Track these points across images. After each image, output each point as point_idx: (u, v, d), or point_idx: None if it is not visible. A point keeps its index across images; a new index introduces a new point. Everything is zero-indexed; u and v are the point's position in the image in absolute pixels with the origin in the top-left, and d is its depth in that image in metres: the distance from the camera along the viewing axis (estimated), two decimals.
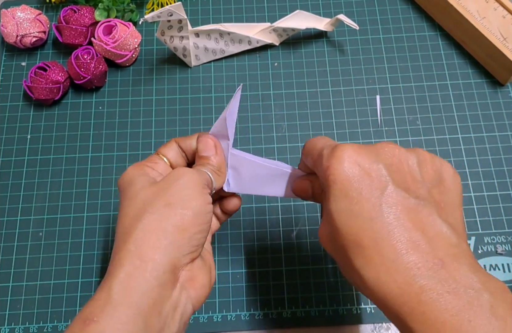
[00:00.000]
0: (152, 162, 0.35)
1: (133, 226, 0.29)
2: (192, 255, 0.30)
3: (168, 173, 0.33)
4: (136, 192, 0.31)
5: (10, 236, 0.48)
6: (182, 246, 0.29)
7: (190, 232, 0.29)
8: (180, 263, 0.29)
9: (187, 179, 0.31)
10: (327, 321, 0.44)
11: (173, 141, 0.37)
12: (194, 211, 0.30)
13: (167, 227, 0.29)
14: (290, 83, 0.54)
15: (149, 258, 0.28)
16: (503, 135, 0.51)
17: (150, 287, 0.28)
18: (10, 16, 0.53)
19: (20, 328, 0.44)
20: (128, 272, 0.28)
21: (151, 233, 0.29)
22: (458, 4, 0.52)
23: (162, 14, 0.46)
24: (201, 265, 0.32)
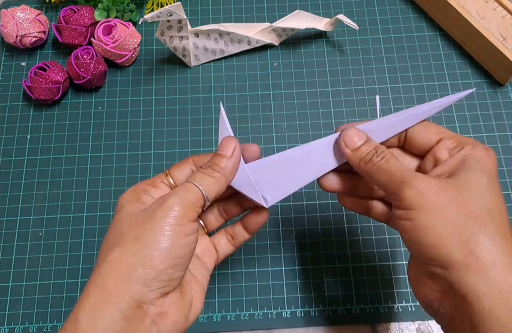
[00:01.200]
0: (152, 186, 0.34)
1: (103, 258, 0.29)
2: (161, 290, 0.29)
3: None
4: (118, 220, 0.31)
5: (10, 236, 0.48)
6: (147, 282, 0.28)
7: (157, 268, 0.28)
8: (147, 298, 0.28)
9: (163, 212, 0.29)
10: (327, 321, 0.44)
11: (190, 161, 0.35)
12: (164, 247, 0.28)
13: (132, 262, 0.28)
14: (289, 83, 0.54)
15: (113, 292, 0.28)
16: (502, 135, 0.51)
17: (114, 321, 0.27)
18: (10, 16, 0.53)
19: (19, 328, 0.44)
20: (93, 304, 0.28)
21: (117, 267, 0.28)
22: (457, 4, 0.52)
23: (162, 14, 0.46)
24: (176, 300, 0.30)
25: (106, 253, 0.30)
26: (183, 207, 0.29)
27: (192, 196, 0.30)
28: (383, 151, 0.32)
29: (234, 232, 0.37)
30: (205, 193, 0.31)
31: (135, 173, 0.50)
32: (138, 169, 0.50)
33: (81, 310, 0.28)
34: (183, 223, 0.29)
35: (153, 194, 0.33)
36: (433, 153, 0.33)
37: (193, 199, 0.30)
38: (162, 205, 0.29)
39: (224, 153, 0.33)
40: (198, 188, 0.30)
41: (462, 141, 0.32)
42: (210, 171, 0.32)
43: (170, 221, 0.29)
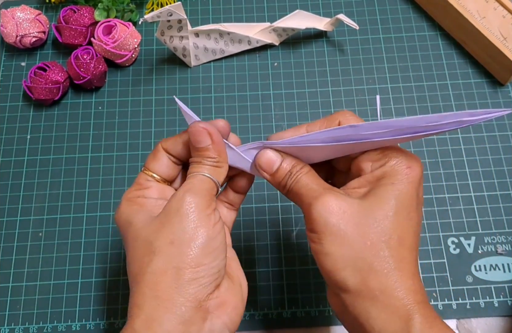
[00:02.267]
0: (142, 188, 0.32)
1: (143, 270, 0.28)
2: (214, 283, 0.29)
3: (166, 198, 0.31)
4: (137, 232, 0.30)
5: (10, 236, 0.48)
6: (200, 280, 0.28)
7: (203, 264, 0.28)
8: (203, 295, 0.28)
9: (186, 208, 0.28)
10: (327, 321, 0.44)
11: (161, 150, 0.33)
12: (201, 242, 0.28)
13: (178, 266, 0.28)
14: (289, 83, 0.54)
15: (167, 299, 0.27)
16: (503, 135, 0.51)
17: (172, 327, 0.27)
18: (9, 16, 0.53)
19: (20, 329, 0.44)
20: (148, 314, 0.27)
21: (163, 275, 0.28)
22: (458, 4, 0.52)
23: (162, 14, 0.46)
24: (229, 286, 0.30)
25: (142, 263, 0.28)
26: (203, 198, 0.29)
27: (207, 185, 0.30)
28: (298, 171, 0.31)
29: (229, 199, 0.36)
30: (215, 180, 0.31)
31: (135, 173, 0.50)
32: (138, 169, 0.50)
33: (136, 322, 0.27)
34: (208, 213, 0.29)
35: (151, 195, 0.32)
36: (358, 162, 0.31)
37: (210, 188, 0.30)
38: (183, 201, 0.29)
39: (204, 145, 0.31)
40: (209, 177, 0.30)
41: (387, 154, 0.30)
42: (208, 160, 0.31)
43: (196, 214, 0.28)
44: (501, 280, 0.45)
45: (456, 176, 0.49)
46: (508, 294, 0.44)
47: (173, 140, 0.33)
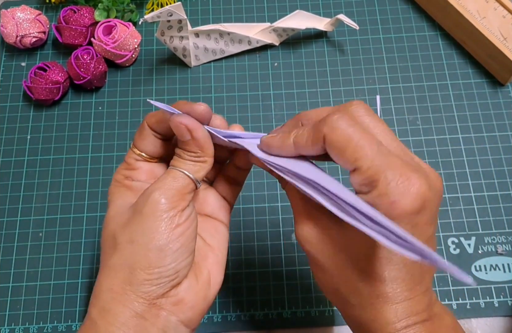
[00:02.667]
0: (131, 168, 0.32)
1: (104, 262, 0.30)
2: (172, 283, 0.29)
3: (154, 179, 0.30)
4: (109, 219, 0.30)
5: (10, 236, 0.48)
6: (153, 281, 0.28)
7: (158, 266, 0.28)
8: (157, 294, 0.28)
9: (148, 208, 0.28)
10: (327, 321, 0.44)
11: (147, 128, 0.32)
12: (158, 244, 0.28)
13: (133, 266, 0.28)
14: (290, 83, 0.54)
15: (120, 293, 0.28)
16: (503, 135, 0.51)
17: (126, 319, 0.27)
18: (10, 16, 0.53)
19: (20, 329, 0.44)
20: (103, 304, 0.28)
21: (119, 271, 0.28)
22: (458, 4, 0.52)
23: (162, 14, 0.46)
24: (190, 285, 0.30)
25: (106, 256, 0.30)
26: (170, 198, 0.28)
27: (179, 183, 0.29)
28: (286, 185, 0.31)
29: (232, 175, 0.35)
30: (192, 176, 0.29)
31: None
32: None
33: (93, 312, 0.28)
34: (171, 214, 0.28)
35: (138, 177, 0.32)
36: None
37: (181, 187, 0.29)
38: (147, 200, 0.28)
39: (184, 139, 0.30)
40: (184, 173, 0.29)
41: (375, 179, 0.24)
42: (187, 156, 0.30)
43: (158, 215, 0.28)
44: (501, 280, 0.45)
45: (456, 176, 0.49)
46: (508, 294, 0.44)
47: (158, 117, 0.32)
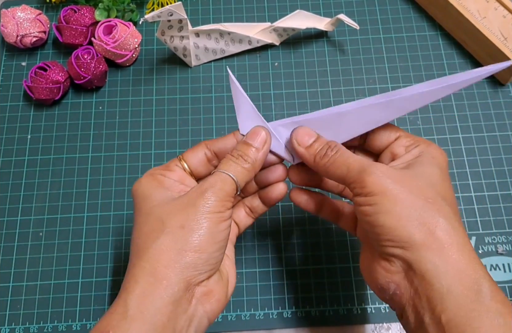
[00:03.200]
0: (167, 170, 0.35)
1: (148, 245, 0.30)
2: (209, 273, 0.31)
3: (184, 185, 0.34)
4: (151, 208, 0.32)
5: (10, 236, 0.48)
6: (198, 266, 0.30)
7: (206, 252, 0.30)
8: (196, 281, 0.30)
9: (202, 203, 0.31)
10: (327, 321, 0.44)
11: (203, 144, 0.36)
12: (208, 232, 0.30)
13: (182, 248, 0.29)
14: (290, 83, 0.54)
15: (163, 277, 0.29)
16: (503, 134, 0.51)
17: (164, 304, 0.28)
18: (10, 16, 0.53)
19: (20, 328, 0.44)
20: (142, 289, 0.29)
21: (165, 253, 0.29)
22: (458, 4, 0.52)
23: (162, 14, 0.46)
24: (218, 279, 0.32)
25: (149, 239, 0.30)
26: (221, 197, 0.31)
27: (228, 187, 0.32)
28: (336, 145, 0.33)
29: (253, 206, 0.38)
30: (238, 183, 0.32)
31: (136, 173, 0.50)
32: (139, 169, 0.50)
33: (130, 295, 0.29)
34: (222, 210, 0.31)
35: (171, 176, 0.34)
36: (391, 149, 0.35)
37: (230, 190, 0.32)
38: (202, 195, 0.31)
39: (254, 143, 0.34)
40: (233, 179, 0.32)
41: (418, 139, 0.34)
42: (242, 162, 0.33)
43: (211, 209, 0.30)
44: (501, 280, 0.45)
45: (457, 176, 0.49)
46: (508, 294, 0.44)
47: (216, 140, 0.36)
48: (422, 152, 0.33)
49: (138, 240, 0.31)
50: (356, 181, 0.31)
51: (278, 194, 0.37)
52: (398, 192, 0.29)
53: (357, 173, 0.31)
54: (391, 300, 0.31)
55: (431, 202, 0.29)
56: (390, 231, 0.29)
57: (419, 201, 0.29)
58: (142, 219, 0.32)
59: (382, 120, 0.34)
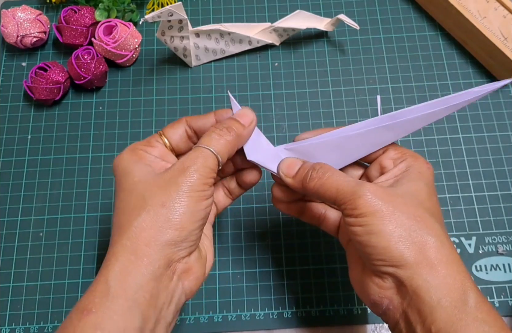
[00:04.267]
0: (149, 145, 0.34)
1: (129, 222, 0.30)
2: (189, 249, 0.31)
3: (165, 161, 0.34)
4: (133, 184, 0.32)
5: (11, 236, 0.48)
6: (178, 243, 0.30)
7: (187, 230, 0.30)
8: (176, 258, 0.30)
9: (184, 181, 0.31)
10: (327, 321, 0.44)
11: (184, 120, 0.36)
12: (189, 211, 0.30)
13: (163, 226, 0.30)
14: (290, 83, 0.54)
15: (144, 254, 0.29)
16: (504, 135, 0.51)
17: (145, 281, 0.29)
18: (10, 16, 0.53)
19: (20, 329, 0.44)
20: (123, 266, 0.29)
21: (146, 231, 0.30)
22: (458, 4, 0.52)
23: (163, 14, 0.46)
24: (197, 257, 0.32)
25: (130, 217, 0.30)
26: (203, 174, 0.31)
27: (210, 163, 0.32)
28: (322, 167, 0.34)
29: (230, 187, 0.38)
30: (220, 158, 0.32)
31: None
32: None
33: (111, 272, 0.29)
34: (204, 188, 0.31)
35: (152, 152, 0.34)
36: (379, 161, 0.36)
37: (212, 165, 0.32)
38: (184, 173, 0.31)
39: (243, 121, 0.34)
40: (215, 154, 0.32)
41: (405, 152, 0.35)
42: (226, 133, 0.33)
43: (193, 187, 0.31)
44: (502, 280, 0.45)
45: (457, 176, 0.49)
46: (509, 294, 0.44)
47: (197, 116, 0.36)
48: (409, 167, 0.34)
49: (119, 217, 0.31)
50: (347, 203, 0.31)
51: (251, 178, 0.37)
52: (388, 212, 0.30)
53: (348, 195, 0.31)
54: (384, 314, 0.31)
55: (420, 221, 0.30)
56: (382, 252, 0.30)
57: (409, 220, 0.30)
58: (124, 195, 0.32)
59: (385, 141, 0.35)
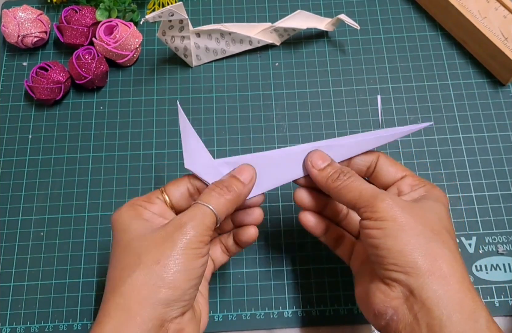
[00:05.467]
0: (148, 202, 0.34)
1: (122, 279, 0.30)
2: (183, 309, 0.30)
3: (163, 218, 0.33)
4: (129, 241, 0.31)
5: (11, 236, 0.48)
6: (171, 302, 0.29)
7: (181, 289, 0.30)
8: (169, 318, 0.30)
9: (180, 238, 0.30)
10: (328, 321, 0.44)
11: (186, 179, 0.36)
12: (184, 269, 0.30)
13: (156, 284, 0.29)
14: (291, 83, 0.54)
15: (136, 313, 0.29)
16: (504, 135, 0.51)
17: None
18: (11, 16, 0.53)
19: (21, 328, 0.44)
20: (116, 324, 0.29)
21: (139, 289, 0.29)
22: (459, 4, 0.52)
23: (163, 14, 0.46)
24: (191, 318, 0.32)
25: (124, 274, 0.30)
26: (200, 232, 0.31)
27: (208, 221, 0.32)
28: (349, 172, 0.35)
29: (228, 245, 0.38)
30: (218, 217, 0.32)
31: (136, 173, 0.50)
32: (140, 169, 0.50)
33: (104, 330, 0.28)
34: (200, 246, 0.31)
35: (151, 209, 0.34)
36: (397, 186, 0.36)
37: (209, 223, 0.32)
38: (180, 229, 0.31)
39: (242, 178, 0.34)
40: (214, 212, 0.32)
41: (423, 181, 0.36)
42: (226, 192, 0.33)
43: (189, 245, 0.30)
44: (502, 280, 0.45)
45: (457, 176, 0.49)
46: (509, 294, 0.44)
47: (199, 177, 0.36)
48: (427, 192, 0.35)
49: (113, 273, 0.31)
50: (368, 206, 0.31)
51: (248, 237, 0.37)
52: (408, 220, 0.31)
53: (369, 198, 0.32)
54: (386, 326, 0.31)
55: (437, 234, 0.31)
56: (397, 255, 0.30)
57: (427, 231, 0.31)
58: (119, 252, 0.32)
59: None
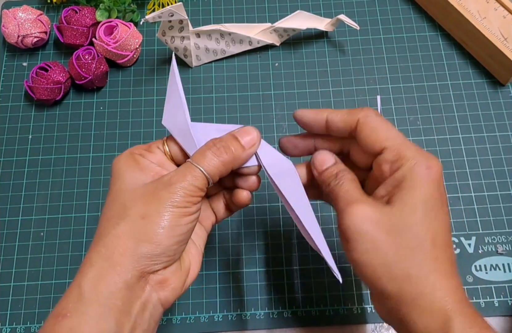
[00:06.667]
0: (148, 151, 0.34)
1: (107, 230, 0.30)
2: (165, 264, 0.30)
3: (161, 167, 0.33)
4: (119, 192, 0.31)
5: (12, 236, 0.48)
6: (153, 257, 0.29)
7: (164, 245, 0.29)
8: (150, 270, 0.30)
9: (168, 196, 0.30)
10: (328, 321, 0.44)
11: None
12: (169, 225, 0.30)
13: (139, 238, 0.29)
14: (290, 83, 0.54)
15: (117, 263, 0.29)
16: (503, 135, 0.51)
17: (117, 289, 0.28)
18: (11, 16, 0.53)
19: (21, 328, 0.44)
20: (97, 272, 0.29)
21: (122, 241, 0.29)
22: (458, 4, 0.52)
23: (163, 15, 0.46)
24: (176, 270, 0.32)
25: (109, 225, 0.30)
26: (189, 193, 0.30)
27: (199, 183, 0.31)
28: (343, 176, 0.33)
29: (230, 200, 0.37)
30: (210, 179, 0.31)
31: None
32: None
33: (85, 278, 0.29)
34: (187, 206, 0.30)
35: (150, 158, 0.33)
36: (377, 165, 0.32)
37: (200, 185, 0.31)
38: (169, 188, 0.30)
39: (242, 140, 0.33)
40: (204, 174, 0.31)
41: (404, 154, 0.30)
42: (221, 152, 0.32)
43: (175, 204, 0.30)
44: (501, 280, 0.45)
45: (457, 176, 0.49)
46: (508, 294, 0.44)
47: None
48: (404, 178, 0.30)
49: (101, 223, 0.31)
50: (339, 221, 0.31)
51: (239, 201, 0.35)
52: (372, 240, 0.29)
53: (340, 211, 0.31)
54: None
55: (403, 253, 0.29)
56: (368, 283, 0.30)
57: (391, 251, 0.29)
58: (109, 201, 0.32)
59: None
